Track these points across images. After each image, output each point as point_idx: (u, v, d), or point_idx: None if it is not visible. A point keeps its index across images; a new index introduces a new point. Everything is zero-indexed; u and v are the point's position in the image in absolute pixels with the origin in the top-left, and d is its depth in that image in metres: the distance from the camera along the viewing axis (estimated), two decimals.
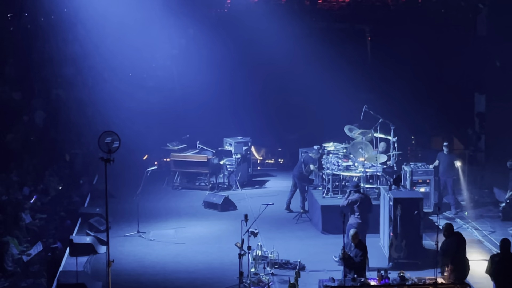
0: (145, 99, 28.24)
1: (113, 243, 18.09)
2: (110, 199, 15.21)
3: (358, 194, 18.02)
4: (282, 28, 27.60)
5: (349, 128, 22.12)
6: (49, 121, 27.36)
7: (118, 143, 14.47)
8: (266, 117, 28.17)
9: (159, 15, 28.34)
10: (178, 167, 25.21)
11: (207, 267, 18.16)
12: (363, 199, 17.97)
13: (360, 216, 17.74)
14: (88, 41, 28.83)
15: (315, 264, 17.64)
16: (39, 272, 18.39)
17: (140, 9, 28.16)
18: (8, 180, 23.02)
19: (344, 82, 26.98)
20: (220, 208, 22.58)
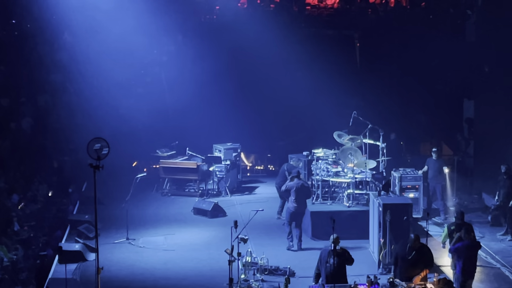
0: (134, 106, 28.15)
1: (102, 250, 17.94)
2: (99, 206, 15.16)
3: (296, 180, 19.65)
4: (271, 34, 27.59)
5: (338, 134, 22.14)
6: (37, 128, 27.25)
7: (107, 150, 14.43)
8: (256, 123, 28.13)
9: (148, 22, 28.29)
10: (168, 173, 25.15)
11: (197, 274, 18.14)
12: (299, 185, 19.59)
13: (295, 200, 19.57)
14: (76, 47, 28.74)
15: (305, 270, 17.58)
16: (28, 279, 18.32)
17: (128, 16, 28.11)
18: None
19: (333, 88, 26.99)
20: (210, 215, 22.54)
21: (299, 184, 19.77)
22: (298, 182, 19.82)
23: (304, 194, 19.84)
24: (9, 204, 21.97)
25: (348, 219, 19.82)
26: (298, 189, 19.69)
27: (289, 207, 19.82)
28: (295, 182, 19.80)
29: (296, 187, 19.69)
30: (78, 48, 28.47)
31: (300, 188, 19.72)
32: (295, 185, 19.72)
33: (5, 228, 20.39)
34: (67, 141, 26.82)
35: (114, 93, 28.42)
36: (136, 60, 29.56)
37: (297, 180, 19.85)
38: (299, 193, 19.70)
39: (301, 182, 19.95)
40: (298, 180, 19.86)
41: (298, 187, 19.70)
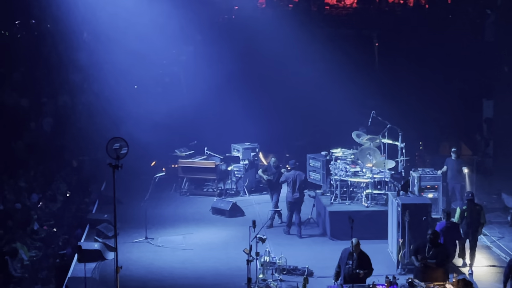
0: (153, 106, 28.22)
1: (121, 249, 18.04)
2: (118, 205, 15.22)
3: (293, 171, 20.70)
4: (289, 34, 27.60)
5: (357, 134, 22.10)
6: (56, 128, 27.39)
7: (126, 149, 14.47)
8: (274, 123, 28.14)
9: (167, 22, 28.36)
10: (186, 173, 25.19)
11: (215, 273, 18.16)
12: (296, 176, 20.58)
13: (294, 190, 20.54)
14: (96, 47, 28.87)
15: (323, 270, 17.58)
16: (47, 278, 18.42)
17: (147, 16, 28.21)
18: (16, 186, 23.07)
19: (352, 88, 26.94)
20: (228, 214, 22.56)
21: (296, 174, 20.68)
22: (295, 172, 20.77)
23: (301, 184, 20.68)
24: (28, 203, 22.12)
25: (367, 219, 19.77)
26: (295, 179, 20.59)
27: (288, 197, 20.79)
28: (292, 172, 20.79)
29: (293, 177, 20.61)
30: (97, 48, 28.58)
31: (297, 178, 20.62)
32: (292, 175, 20.66)
33: (25, 227, 20.53)
34: (87, 140, 26.94)
35: (133, 93, 28.53)
36: (155, 60, 29.64)
37: (294, 171, 20.80)
38: (297, 183, 20.57)
39: (298, 172, 20.84)
40: (295, 171, 20.80)
41: (295, 177, 20.61)
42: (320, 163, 23.55)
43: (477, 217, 18.39)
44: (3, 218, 20.64)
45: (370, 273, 15.33)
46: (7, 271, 17.97)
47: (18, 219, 20.76)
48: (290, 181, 20.72)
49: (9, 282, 17.80)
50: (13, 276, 18.03)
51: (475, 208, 18.46)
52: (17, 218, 20.78)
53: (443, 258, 15.63)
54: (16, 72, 28.90)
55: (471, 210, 18.40)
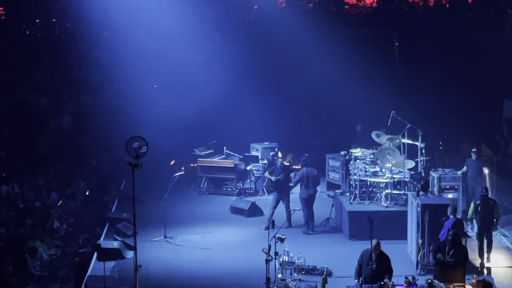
0: (172, 105, 28.26)
1: (140, 248, 18.05)
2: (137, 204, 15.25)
3: (305, 168, 21.03)
4: (309, 33, 27.56)
5: (376, 134, 22.02)
6: (76, 127, 27.50)
7: (146, 149, 14.51)
8: (293, 122, 28.11)
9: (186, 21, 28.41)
10: (205, 172, 25.19)
11: (233, 273, 18.15)
12: (309, 172, 20.90)
13: (307, 186, 20.87)
14: (115, 46, 28.96)
15: (342, 270, 17.53)
16: (67, 276, 18.49)
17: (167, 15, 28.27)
18: (36, 185, 23.17)
19: (372, 88, 26.86)
20: (247, 214, 22.54)
21: (308, 171, 21.01)
22: (307, 169, 21.08)
23: (314, 180, 20.97)
24: (48, 202, 22.21)
25: (386, 219, 19.69)
26: (308, 176, 20.90)
27: (302, 193, 21.06)
28: (304, 169, 21.14)
29: (306, 174, 20.94)
30: (117, 47, 28.66)
31: (310, 175, 20.93)
32: (305, 172, 21.00)
33: (45, 226, 20.61)
34: (106, 139, 27.02)
35: (152, 92, 28.59)
36: (174, 59, 29.68)
37: (306, 167, 21.12)
38: (310, 180, 20.88)
39: (310, 169, 21.12)
40: (307, 167, 21.10)
41: (308, 174, 20.93)
42: (339, 162, 23.51)
43: (490, 211, 18.41)
44: (23, 216, 20.74)
45: (391, 274, 15.28)
46: (26, 269, 18.05)
47: (38, 217, 20.85)
48: (304, 178, 20.98)
49: (29, 280, 17.88)
50: (32, 274, 18.12)
51: (488, 203, 18.49)
52: (36, 216, 20.88)
53: (463, 259, 15.57)
54: (37, 71, 29.05)
55: (484, 205, 18.43)
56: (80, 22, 29.96)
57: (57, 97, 28.44)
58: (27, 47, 29.55)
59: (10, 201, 21.69)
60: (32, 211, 21.09)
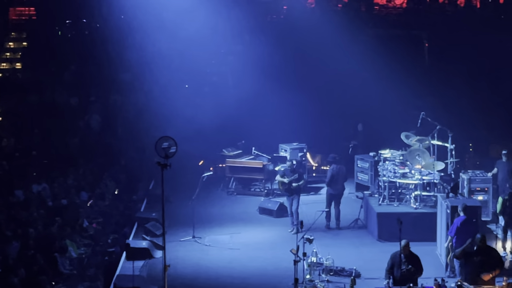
0: (201, 105, 28.33)
1: (169, 248, 18.11)
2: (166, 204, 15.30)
3: (333, 165, 21.45)
4: (338, 34, 27.48)
5: (406, 135, 21.91)
6: (105, 126, 27.64)
7: (175, 148, 14.55)
8: (322, 123, 28.06)
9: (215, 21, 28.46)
10: (234, 172, 25.21)
11: (261, 273, 18.14)
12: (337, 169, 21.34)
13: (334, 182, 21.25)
14: (145, 46, 29.07)
15: (370, 271, 17.47)
16: (96, 275, 18.57)
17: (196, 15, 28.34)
18: (66, 184, 23.32)
19: (401, 89, 26.73)
20: (275, 214, 22.52)
21: (337, 168, 21.41)
22: (336, 166, 21.49)
23: (341, 177, 21.38)
24: (77, 201, 22.34)
25: (415, 221, 19.56)
26: (338, 173, 21.32)
27: (329, 190, 21.44)
28: (333, 166, 21.53)
29: (336, 171, 21.37)
30: (146, 47, 28.77)
31: (338, 172, 21.33)
32: (335, 169, 21.41)
33: (74, 225, 20.73)
34: (135, 139, 27.13)
35: (181, 92, 28.66)
36: (204, 59, 29.74)
37: (334, 165, 21.50)
38: (339, 176, 21.35)
39: (339, 166, 21.52)
40: (335, 164, 21.49)
41: (337, 171, 21.35)
42: (368, 164, 23.43)
43: None
44: (53, 215, 20.89)
45: (420, 273, 15.21)
46: (56, 267, 18.17)
47: (67, 216, 20.98)
48: (335, 175, 21.32)
49: (58, 278, 17.99)
50: (62, 273, 18.22)
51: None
52: (66, 215, 21.00)
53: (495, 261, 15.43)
54: (67, 71, 29.25)
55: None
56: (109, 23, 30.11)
57: (86, 97, 28.62)
58: (58, 47, 29.75)
59: (40, 200, 21.86)
60: (62, 210, 21.22)
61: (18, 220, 20.29)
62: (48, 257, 18.28)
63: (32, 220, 20.41)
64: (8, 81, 28.93)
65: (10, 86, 28.54)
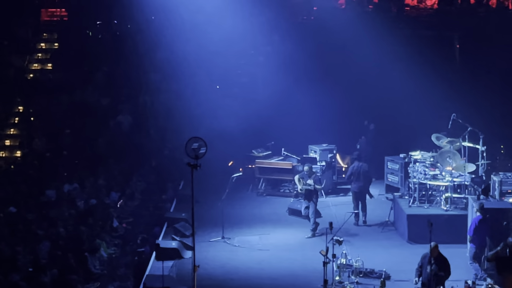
0: (230, 106, 28.36)
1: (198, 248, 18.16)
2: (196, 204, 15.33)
3: (356, 163, 21.90)
4: (369, 35, 27.38)
5: (436, 137, 21.80)
6: (135, 126, 27.76)
7: (205, 149, 14.58)
8: (351, 124, 27.98)
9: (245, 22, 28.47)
10: (263, 173, 25.21)
11: (291, 274, 18.14)
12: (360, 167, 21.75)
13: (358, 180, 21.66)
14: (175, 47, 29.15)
15: (400, 273, 17.41)
16: (126, 275, 18.66)
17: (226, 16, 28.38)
18: (96, 184, 23.46)
19: (432, 90, 26.59)
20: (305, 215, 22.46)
21: (359, 165, 21.87)
22: (358, 163, 21.98)
23: (364, 175, 21.79)
24: (108, 201, 22.46)
25: (446, 223, 19.49)
26: (358, 170, 21.76)
27: (353, 187, 21.97)
28: (355, 164, 22.04)
29: (357, 168, 21.82)
30: (176, 48, 28.85)
31: (359, 170, 21.77)
32: (356, 166, 21.88)
33: (104, 225, 20.84)
34: (165, 139, 27.22)
35: (211, 93, 28.71)
36: (233, 60, 29.77)
37: (357, 162, 22.00)
38: (360, 174, 21.72)
39: (361, 163, 22.00)
40: (358, 162, 21.99)
41: (359, 168, 21.79)
42: (398, 165, 23.33)
43: None
44: (83, 215, 21.02)
45: (448, 276, 15.13)
46: (87, 267, 18.27)
47: (98, 216, 21.10)
48: (355, 173, 21.80)
49: (89, 278, 18.09)
50: (92, 273, 18.32)
51: None
52: (96, 215, 21.12)
53: None
54: (99, 72, 29.42)
55: None
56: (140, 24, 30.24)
57: (117, 97, 28.77)
58: (89, 48, 29.94)
59: (71, 200, 22.01)
60: (92, 210, 21.35)
61: (49, 220, 20.46)
62: (78, 256, 18.39)
63: (63, 219, 20.57)
64: (39, 82, 29.16)
65: (41, 87, 28.77)
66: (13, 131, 28.02)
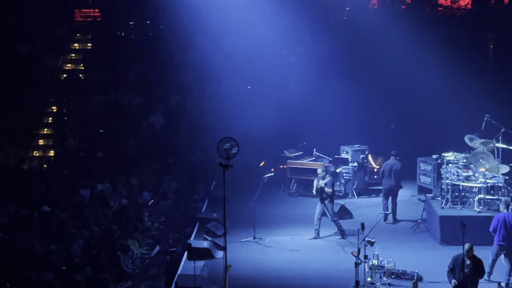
0: (262, 106, 28.40)
1: (230, 249, 18.20)
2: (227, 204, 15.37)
3: (392, 159, 22.00)
4: (401, 35, 27.27)
5: (469, 138, 21.64)
6: (168, 127, 27.88)
7: (237, 149, 14.62)
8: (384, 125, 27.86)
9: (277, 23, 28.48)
10: (295, 174, 25.19)
11: (322, 275, 18.11)
12: (393, 164, 21.85)
13: (391, 177, 21.76)
14: (207, 48, 29.24)
15: (433, 275, 17.31)
16: (158, 274, 18.76)
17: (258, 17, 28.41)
18: (129, 184, 23.60)
19: (465, 91, 26.43)
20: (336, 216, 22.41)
21: (392, 163, 21.98)
22: (392, 161, 22.10)
23: (396, 173, 21.85)
24: (140, 201, 22.59)
25: (479, 225, 19.28)
26: (390, 168, 21.89)
27: (385, 184, 22.05)
28: (389, 161, 22.19)
29: (390, 166, 21.95)
30: (209, 49, 28.94)
31: (390, 167, 21.89)
32: (389, 164, 22.03)
33: (137, 224, 20.97)
34: (197, 140, 27.30)
35: (243, 93, 28.76)
36: (266, 61, 29.79)
37: (391, 160, 22.14)
38: (392, 172, 21.82)
39: (394, 162, 22.07)
40: (392, 160, 22.12)
41: (391, 166, 21.91)
42: (431, 166, 23.21)
43: None
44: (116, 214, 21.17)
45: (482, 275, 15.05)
46: (119, 266, 18.40)
47: (130, 216, 21.23)
48: (386, 170, 21.94)
49: (121, 277, 18.21)
50: (125, 272, 18.45)
51: None
52: (128, 214, 21.26)
53: None
54: (132, 72, 29.60)
55: None
56: (173, 24, 30.37)
57: (149, 97, 28.92)
58: (122, 48, 30.13)
59: (104, 200, 22.17)
60: (124, 210, 21.48)
61: (82, 219, 20.63)
62: (111, 256, 18.52)
63: (96, 219, 20.73)
64: (73, 82, 29.41)
65: (75, 87, 29.02)
66: (47, 130, 28.32)
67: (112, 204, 22.11)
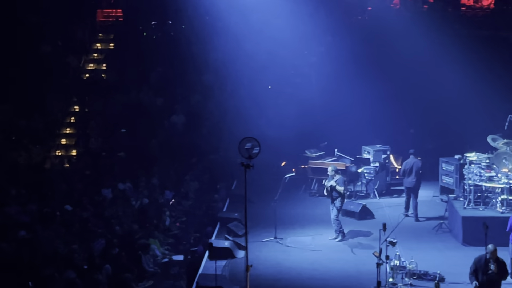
0: (283, 106, 28.37)
1: (251, 248, 18.19)
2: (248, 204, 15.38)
3: (412, 158, 22.07)
4: (423, 35, 27.16)
5: (492, 138, 21.50)
6: (189, 126, 27.93)
7: (258, 149, 14.61)
8: (406, 125, 27.76)
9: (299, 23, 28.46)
10: (316, 174, 25.14)
11: (343, 275, 18.07)
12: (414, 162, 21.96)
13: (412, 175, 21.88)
14: (228, 48, 29.27)
15: (455, 276, 17.23)
16: (179, 274, 18.81)
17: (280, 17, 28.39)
18: (150, 183, 23.66)
19: (488, 91, 26.26)
20: (358, 217, 22.37)
21: (413, 162, 22.07)
22: (413, 160, 22.16)
23: (415, 170, 21.94)
24: (161, 200, 22.64)
25: (502, 226, 19.11)
26: (412, 166, 22.00)
27: (405, 182, 22.18)
28: (410, 160, 22.20)
29: (411, 164, 22.03)
30: (230, 49, 28.96)
31: (414, 166, 21.97)
32: (410, 162, 22.09)
33: (158, 223, 21.02)
34: (218, 139, 27.33)
35: (264, 93, 28.75)
36: (287, 60, 29.77)
37: (412, 158, 22.18)
38: (413, 170, 21.92)
39: (415, 160, 22.21)
40: (414, 158, 22.19)
41: (412, 165, 22.01)
42: (453, 167, 23.07)
43: None
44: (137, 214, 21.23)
45: (505, 277, 14.95)
46: (140, 266, 18.45)
47: (151, 215, 21.29)
48: (408, 168, 22.02)
49: (143, 277, 18.27)
50: (146, 271, 18.50)
51: None
52: (150, 214, 21.31)
53: None
54: (153, 72, 29.68)
55: None
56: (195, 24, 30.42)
57: (171, 97, 28.99)
58: (144, 48, 30.23)
59: (125, 199, 22.25)
60: (146, 209, 21.54)
61: (104, 218, 20.71)
62: (132, 255, 18.58)
63: (117, 218, 20.80)
64: (95, 82, 29.54)
65: (97, 87, 29.15)
66: (69, 130, 28.45)
67: (134, 204, 22.17)
